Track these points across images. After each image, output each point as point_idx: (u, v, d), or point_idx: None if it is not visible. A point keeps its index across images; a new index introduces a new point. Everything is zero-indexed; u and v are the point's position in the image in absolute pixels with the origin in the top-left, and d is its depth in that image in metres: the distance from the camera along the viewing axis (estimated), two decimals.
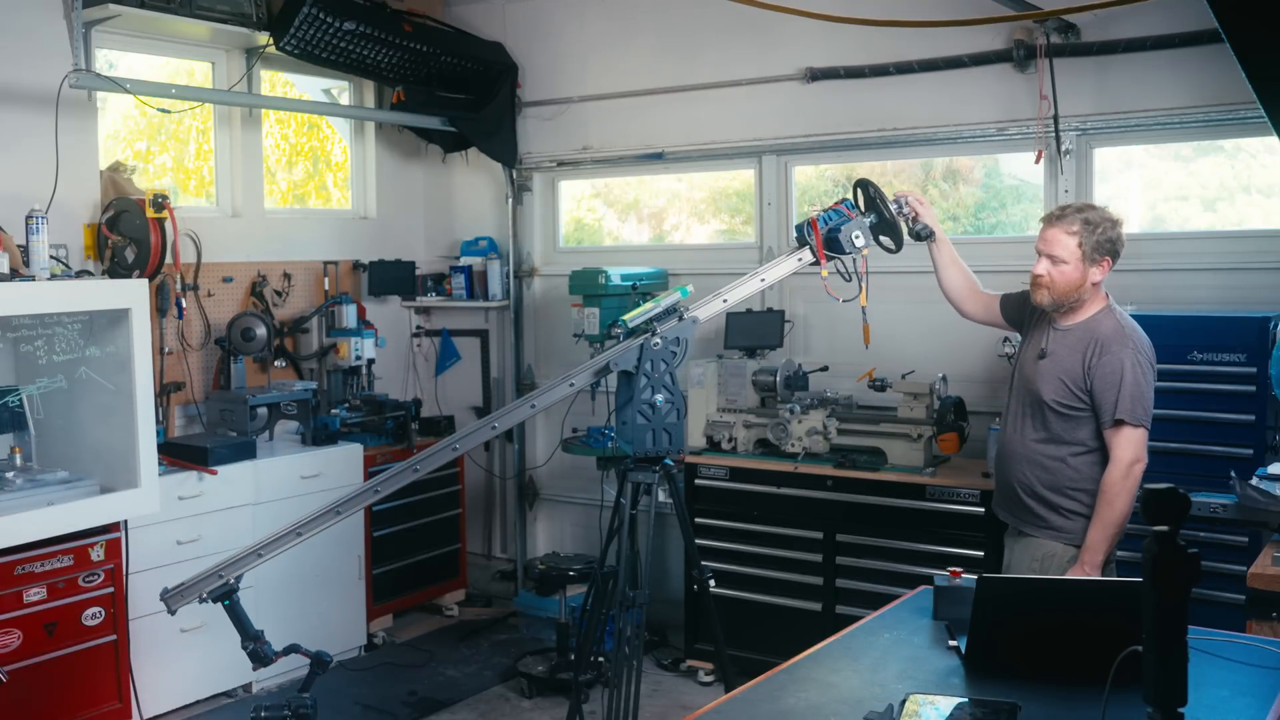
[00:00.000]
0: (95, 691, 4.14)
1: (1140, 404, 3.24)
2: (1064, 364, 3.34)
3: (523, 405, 3.57)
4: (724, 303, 3.59)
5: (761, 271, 3.61)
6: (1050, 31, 4.53)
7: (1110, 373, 3.24)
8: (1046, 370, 3.38)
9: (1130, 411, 3.23)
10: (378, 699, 4.89)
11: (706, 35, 5.49)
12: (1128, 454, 3.23)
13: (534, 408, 3.58)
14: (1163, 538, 1.72)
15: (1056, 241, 3.32)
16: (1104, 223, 3.31)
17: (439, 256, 6.47)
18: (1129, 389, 3.22)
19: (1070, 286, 3.33)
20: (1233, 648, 2.49)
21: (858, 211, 3.54)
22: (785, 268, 3.58)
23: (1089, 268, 3.31)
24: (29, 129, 4.48)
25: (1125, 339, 3.28)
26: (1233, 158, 4.65)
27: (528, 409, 3.59)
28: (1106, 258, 3.32)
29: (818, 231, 3.47)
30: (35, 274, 3.94)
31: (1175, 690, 1.74)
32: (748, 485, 4.90)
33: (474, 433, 3.49)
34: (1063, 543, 3.35)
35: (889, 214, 3.54)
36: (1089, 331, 3.34)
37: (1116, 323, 3.34)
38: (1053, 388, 3.34)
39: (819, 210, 3.54)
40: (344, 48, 5.28)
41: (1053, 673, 2.28)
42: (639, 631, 3.54)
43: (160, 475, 4.31)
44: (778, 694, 2.28)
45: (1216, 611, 3.49)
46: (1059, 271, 3.32)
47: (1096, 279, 3.34)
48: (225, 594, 3.27)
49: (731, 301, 3.60)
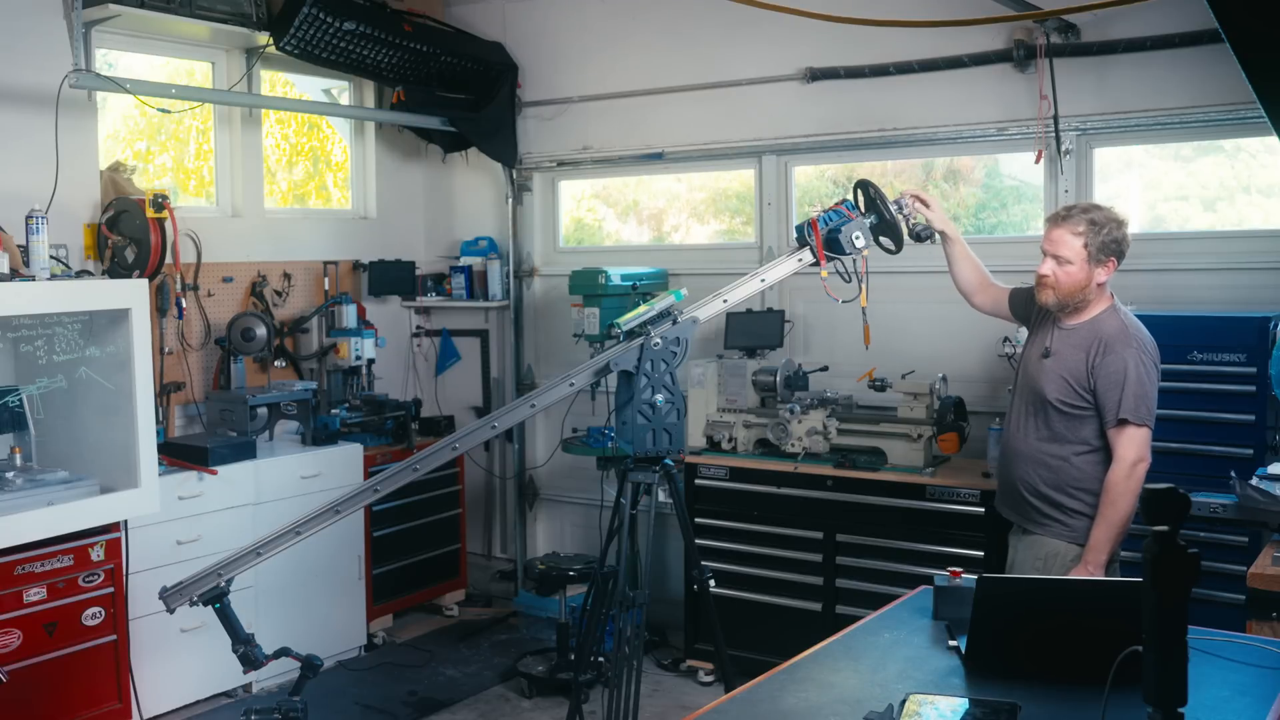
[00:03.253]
0: (95, 691, 4.14)
1: (1144, 403, 3.24)
2: (1068, 363, 3.34)
3: (522, 405, 3.58)
4: (724, 303, 3.61)
5: (762, 272, 3.62)
6: (1050, 31, 4.53)
7: (1114, 372, 3.24)
8: (1050, 369, 3.38)
9: (1134, 411, 3.22)
10: (378, 699, 4.89)
11: (707, 35, 5.49)
12: (1131, 453, 3.23)
13: (534, 407, 3.59)
14: (1163, 537, 1.72)
15: (1062, 242, 3.32)
16: (1109, 223, 3.31)
17: (439, 256, 6.47)
18: (1132, 388, 3.22)
19: (1075, 287, 3.33)
20: (1233, 648, 2.49)
21: (858, 212, 3.54)
22: (785, 268, 3.59)
23: (1094, 268, 3.31)
24: (29, 129, 4.47)
25: (1129, 338, 3.28)
26: (1233, 158, 4.64)
27: (527, 409, 3.60)
28: (1112, 258, 3.32)
29: (818, 232, 3.47)
30: (35, 274, 3.93)
31: (1175, 690, 1.74)
32: (748, 485, 4.90)
33: (473, 432, 3.50)
34: (1067, 541, 3.35)
35: (889, 215, 3.54)
36: (1093, 331, 3.33)
37: (1121, 322, 3.34)
38: (1056, 387, 3.34)
39: (819, 211, 3.54)
40: (344, 48, 5.28)
41: (1053, 673, 2.28)
42: (639, 631, 3.54)
43: (160, 475, 4.30)
44: (778, 694, 2.28)
45: (1216, 611, 3.49)
46: (1064, 272, 3.32)
47: (1102, 279, 3.34)
48: (215, 597, 3.26)
49: (732, 302, 3.61)
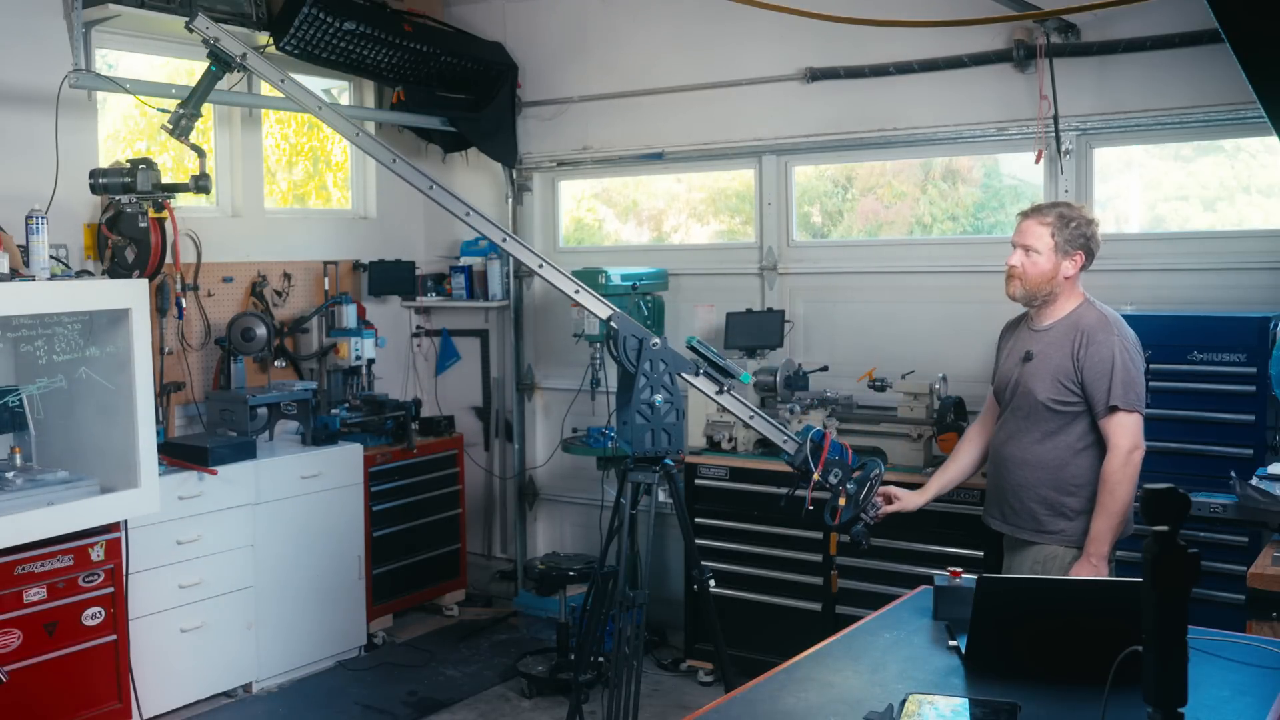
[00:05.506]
0: (95, 692, 4.13)
1: (1133, 389, 3.25)
2: (1053, 360, 3.35)
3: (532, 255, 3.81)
4: None
5: (759, 414, 3.73)
6: (1050, 31, 4.53)
7: (1099, 361, 3.26)
8: (1037, 371, 3.38)
9: (1123, 397, 3.23)
10: (378, 699, 4.88)
11: (707, 35, 5.49)
12: (1125, 441, 3.24)
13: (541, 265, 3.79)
14: (1163, 537, 1.72)
15: (1029, 232, 3.37)
16: (1079, 219, 3.35)
17: (439, 256, 6.47)
18: (1120, 375, 3.24)
19: (1042, 278, 3.35)
20: (1233, 648, 2.49)
21: (850, 479, 3.56)
22: (774, 435, 3.67)
23: (1061, 260, 3.34)
24: (29, 129, 4.48)
25: (1110, 327, 3.31)
26: (1233, 158, 4.64)
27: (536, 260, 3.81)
28: (1079, 252, 3.34)
29: (827, 442, 3.55)
30: (35, 274, 3.93)
31: (1175, 690, 1.74)
32: (748, 485, 4.89)
33: None
34: (1064, 545, 3.35)
35: (861, 508, 3.57)
36: (1072, 324, 3.35)
37: (1099, 313, 3.36)
38: (1045, 386, 3.34)
39: (834, 435, 3.65)
40: (344, 48, 5.27)
41: (1053, 673, 2.28)
42: (639, 631, 3.54)
43: (160, 475, 4.30)
44: (777, 694, 2.28)
45: (1216, 611, 3.49)
46: (1031, 262, 3.36)
47: (1069, 273, 3.36)
48: None
49: (724, 404, 3.73)
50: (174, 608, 4.55)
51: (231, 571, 4.77)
